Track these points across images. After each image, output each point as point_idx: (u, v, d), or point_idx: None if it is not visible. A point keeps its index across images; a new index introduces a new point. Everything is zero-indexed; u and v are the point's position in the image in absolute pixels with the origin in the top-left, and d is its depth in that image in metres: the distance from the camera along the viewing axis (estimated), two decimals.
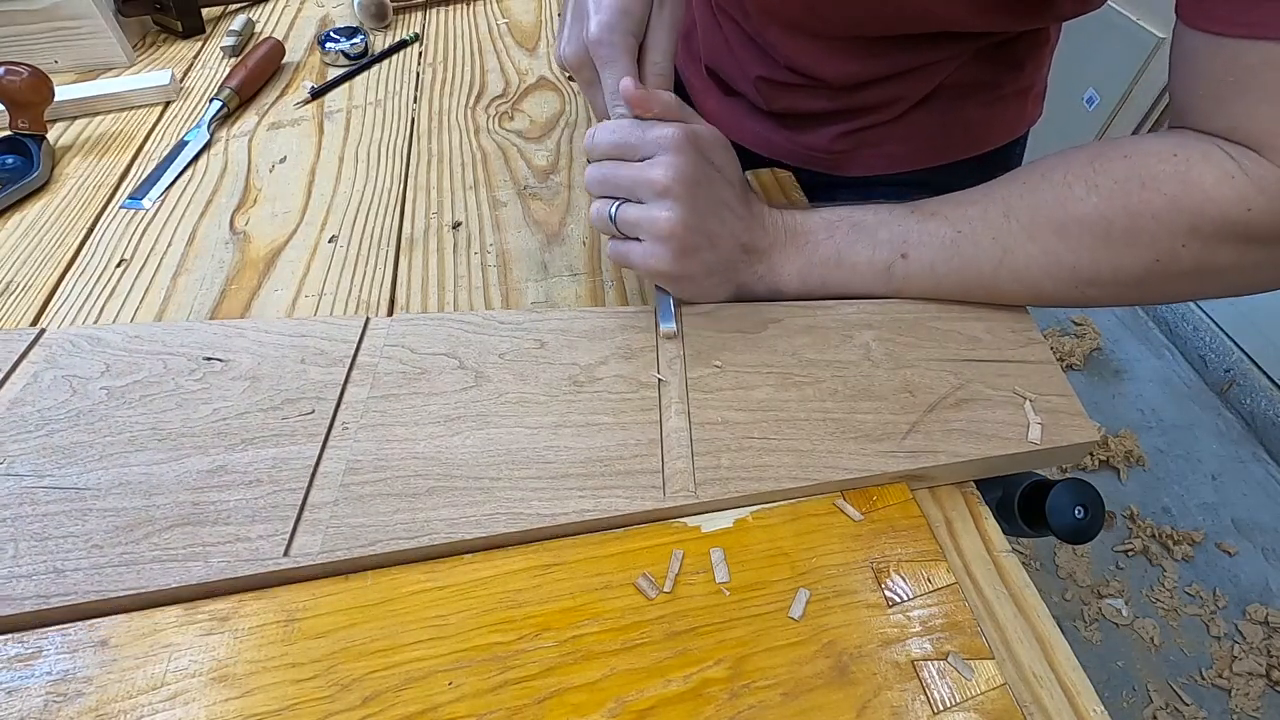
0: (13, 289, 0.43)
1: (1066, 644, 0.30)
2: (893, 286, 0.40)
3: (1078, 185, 0.35)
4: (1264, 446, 1.48)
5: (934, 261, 0.38)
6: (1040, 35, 0.52)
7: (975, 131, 0.56)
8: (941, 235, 0.38)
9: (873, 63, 0.49)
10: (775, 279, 0.40)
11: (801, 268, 0.40)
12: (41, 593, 0.27)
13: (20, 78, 0.51)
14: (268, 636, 0.27)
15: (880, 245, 0.39)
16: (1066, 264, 0.35)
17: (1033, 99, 0.57)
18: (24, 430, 0.33)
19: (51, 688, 0.26)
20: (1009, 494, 0.38)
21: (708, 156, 0.36)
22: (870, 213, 0.40)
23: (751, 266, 0.40)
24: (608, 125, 0.36)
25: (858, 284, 0.40)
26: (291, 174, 0.53)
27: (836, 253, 0.40)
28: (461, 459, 0.32)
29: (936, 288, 0.40)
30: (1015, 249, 0.36)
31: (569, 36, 0.37)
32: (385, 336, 0.38)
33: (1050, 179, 0.36)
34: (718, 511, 0.32)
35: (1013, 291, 0.38)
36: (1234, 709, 1.11)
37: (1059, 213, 0.35)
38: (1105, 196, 0.34)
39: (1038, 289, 0.37)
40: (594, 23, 0.34)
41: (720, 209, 0.37)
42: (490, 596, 0.29)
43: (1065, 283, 0.36)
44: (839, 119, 0.55)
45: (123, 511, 0.30)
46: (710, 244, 0.37)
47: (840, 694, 0.27)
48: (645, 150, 0.35)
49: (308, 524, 0.30)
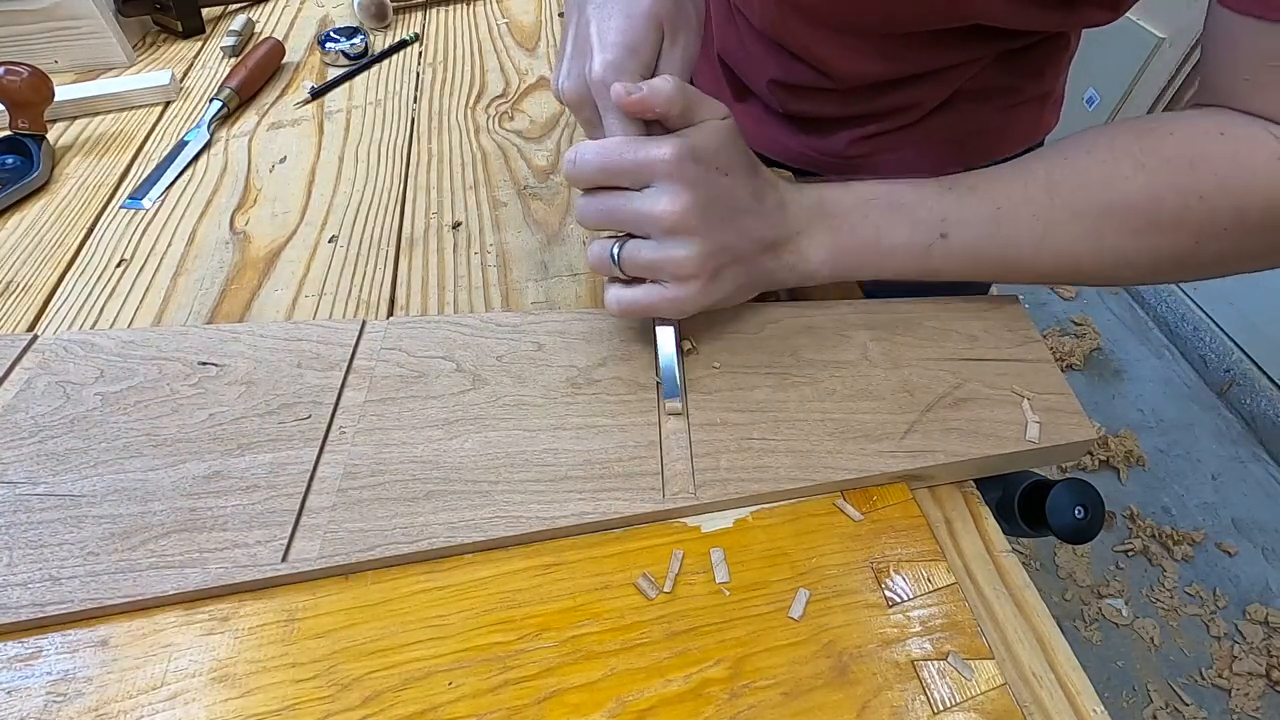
0: (13, 289, 0.43)
1: (1066, 644, 0.30)
2: (930, 267, 0.37)
3: (1124, 163, 0.33)
4: (1264, 446, 1.48)
5: (974, 241, 0.36)
6: (1060, 41, 0.52)
7: (992, 138, 0.55)
8: (982, 213, 0.36)
9: (895, 63, 0.48)
10: (805, 266, 0.37)
11: (834, 252, 0.37)
12: (37, 601, 0.27)
13: (20, 78, 0.51)
14: (268, 636, 0.27)
15: (919, 225, 0.37)
16: (1109, 244, 0.34)
17: (1050, 106, 0.56)
18: (17, 437, 0.33)
19: (51, 688, 0.26)
20: (1009, 494, 0.38)
21: (713, 163, 0.33)
22: (907, 189, 0.37)
23: (779, 258, 0.37)
24: (592, 145, 0.32)
25: (893, 267, 0.38)
26: (291, 174, 0.53)
27: (875, 234, 0.37)
28: (460, 462, 0.32)
29: (975, 268, 0.37)
30: (1058, 228, 0.35)
31: (569, 71, 0.34)
32: (382, 339, 0.38)
33: (1095, 155, 0.34)
34: (718, 512, 0.32)
35: (1051, 271, 0.36)
36: (1234, 709, 1.11)
37: (1105, 191, 0.33)
38: (1153, 175, 0.32)
39: (1076, 269, 0.36)
40: (598, 61, 0.31)
41: (737, 219, 0.34)
42: (490, 597, 0.29)
43: (1105, 263, 0.35)
44: (855, 123, 0.54)
45: (119, 518, 0.30)
46: (735, 260, 0.34)
47: (840, 694, 0.27)
48: (641, 177, 0.32)
49: (306, 529, 0.30)
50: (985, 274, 0.38)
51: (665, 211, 0.31)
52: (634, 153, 0.31)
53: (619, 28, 0.31)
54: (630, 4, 0.32)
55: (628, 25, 0.31)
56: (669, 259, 0.32)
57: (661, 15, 0.32)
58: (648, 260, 0.33)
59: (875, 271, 0.38)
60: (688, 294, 0.33)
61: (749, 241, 0.35)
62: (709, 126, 0.33)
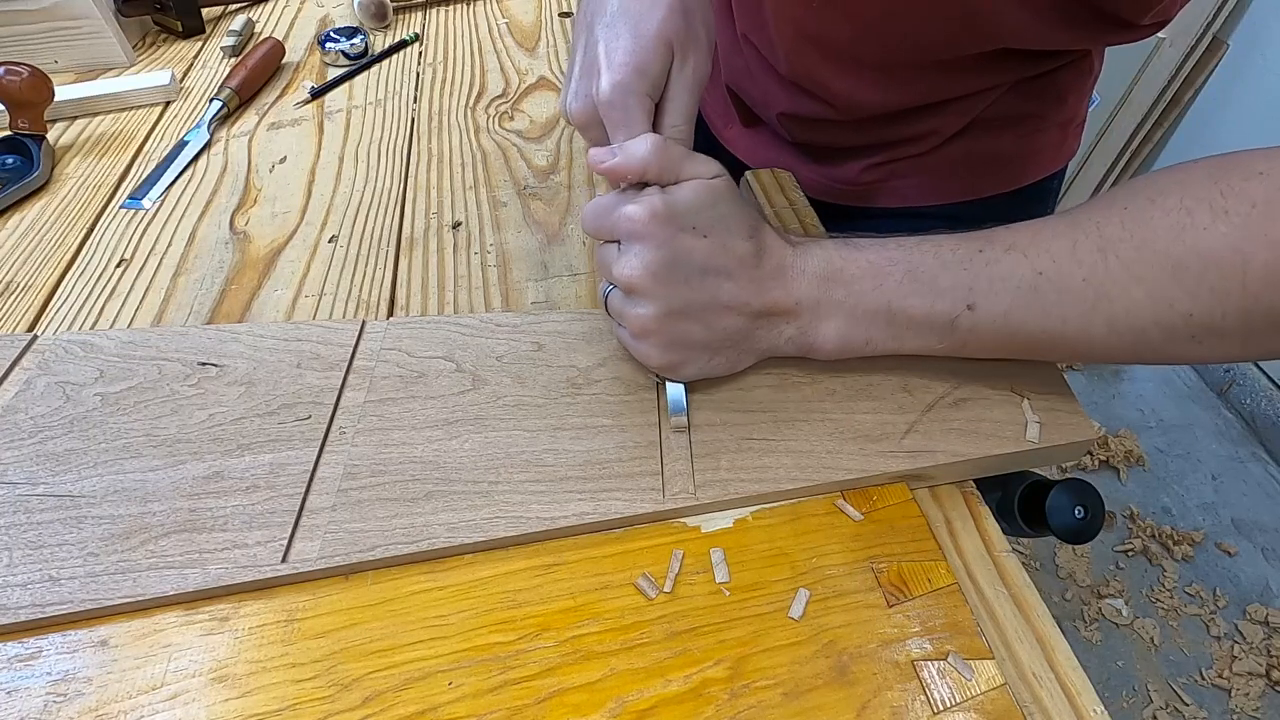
0: (13, 289, 0.43)
1: (1066, 644, 0.30)
2: (955, 342, 0.33)
3: (1200, 211, 0.27)
4: (1264, 446, 1.48)
5: (1009, 312, 0.31)
6: (1084, 65, 0.50)
7: (1013, 166, 0.53)
8: (1018, 277, 0.31)
9: (912, 92, 0.46)
10: (808, 340, 0.35)
11: (842, 326, 0.34)
12: (37, 601, 0.27)
13: (20, 78, 0.51)
14: (268, 636, 0.27)
15: (942, 294, 0.32)
16: (1181, 310, 0.28)
17: (1073, 131, 0.54)
18: (17, 437, 0.33)
19: (51, 688, 0.26)
20: (1009, 494, 0.38)
21: (688, 223, 0.31)
22: (929, 252, 0.33)
23: (774, 330, 0.34)
24: (589, 205, 0.33)
25: (911, 341, 0.34)
26: (291, 174, 0.53)
27: (887, 305, 0.33)
28: (460, 463, 0.32)
29: (1009, 341, 0.32)
30: (1114, 293, 0.29)
31: (576, 91, 0.33)
32: (382, 340, 0.38)
33: (1161, 203, 0.28)
34: (718, 512, 0.32)
35: (1105, 344, 0.31)
36: (1234, 709, 1.11)
37: (1176, 246, 0.28)
38: (1239, 225, 0.26)
39: (1140, 340, 0.30)
40: (605, 81, 0.30)
41: (708, 283, 0.32)
42: (490, 597, 0.29)
43: (1179, 333, 0.29)
44: (869, 152, 0.53)
45: (118, 519, 0.30)
46: (703, 324, 0.33)
47: (840, 694, 0.27)
48: (613, 235, 0.32)
49: (305, 530, 0.30)
50: (1022, 349, 0.33)
51: (620, 273, 0.32)
52: (608, 212, 0.32)
53: (627, 48, 0.30)
54: (639, 24, 0.31)
55: (636, 45, 0.30)
56: (627, 316, 0.33)
57: (671, 35, 0.31)
58: (616, 313, 0.34)
59: (892, 347, 0.34)
60: (647, 350, 0.33)
61: (723, 308, 0.33)
62: (689, 187, 0.31)
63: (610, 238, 0.33)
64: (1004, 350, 0.34)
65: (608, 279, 0.34)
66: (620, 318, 0.34)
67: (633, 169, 0.30)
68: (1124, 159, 1.60)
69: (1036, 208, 0.57)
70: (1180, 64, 1.44)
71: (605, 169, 0.31)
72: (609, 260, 0.33)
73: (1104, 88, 1.58)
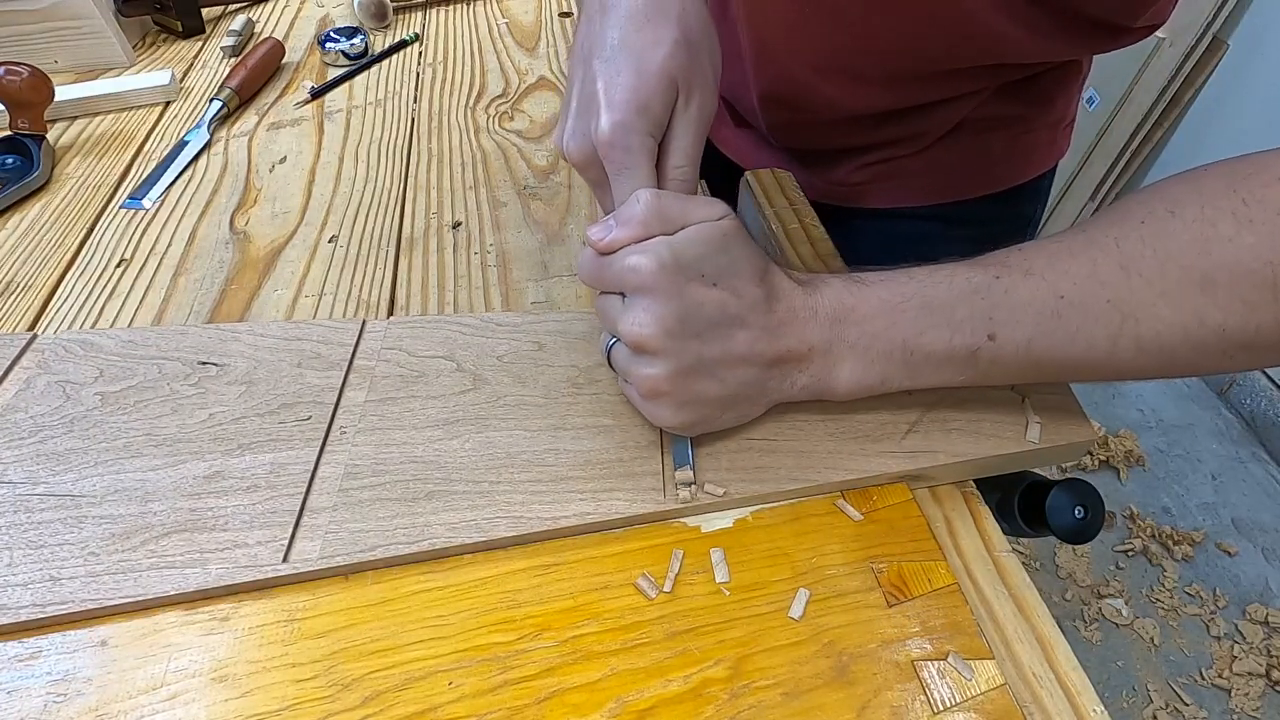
0: (13, 289, 0.43)
1: (1066, 644, 0.30)
2: (976, 374, 0.32)
3: (1223, 222, 0.26)
4: (1264, 446, 1.48)
5: (1031, 338, 0.30)
6: (1072, 68, 0.50)
7: (1002, 166, 0.53)
8: (1039, 303, 0.30)
9: (900, 96, 0.46)
10: (820, 384, 0.33)
11: (856, 368, 0.32)
12: (38, 601, 0.27)
13: (20, 78, 0.51)
14: (268, 636, 0.27)
15: (960, 327, 0.31)
16: (1213, 324, 0.27)
17: (1062, 131, 0.54)
18: (17, 437, 0.33)
19: (51, 688, 0.26)
20: (1009, 494, 0.38)
21: (697, 271, 0.29)
22: (942, 283, 0.31)
23: (787, 378, 0.33)
24: (587, 254, 0.31)
25: (929, 376, 0.32)
26: (291, 174, 0.53)
27: (902, 344, 0.32)
28: (461, 462, 0.32)
29: (1034, 370, 0.31)
30: (1142, 313, 0.28)
31: (573, 130, 0.31)
32: (382, 339, 0.38)
33: (1181, 215, 0.28)
34: (718, 512, 0.32)
35: (1134, 365, 0.30)
36: (1234, 709, 1.11)
37: (1202, 260, 0.27)
38: (1266, 235, 0.26)
39: (1171, 359, 0.29)
40: (605, 120, 0.29)
41: (721, 334, 0.30)
42: (490, 597, 0.29)
43: (1211, 349, 0.28)
44: (857, 154, 0.53)
45: (119, 518, 0.30)
46: (717, 380, 0.31)
47: (840, 694, 0.27)
48: (616, 287, 0.30)
49: (306, 529, 0.30)
50: (1049, 375, 0.32)
51: (629, 330, 0.29)
52: (611, 265, 0.30)
53: (628, 85, 0.29)
54: (641, 59, 0.29)
55: (638, 83, 0.29)
56: (637, 376, 0.31)
57: (675, 72, 0.29)
58: (622, 370, 0.32)
59: (908, 382, 0.33)
60: (659, 412, 0.31)
61: (737, 360, 0.31)
62: (695, 233, 0.30)
63: (613, 290, 0.31)
64: (1028, 378, 0.33)
65: (611, 332, 0.32)
66: (627, 375, 0.32)
67: (634, 236, 0.29)
68: (1124, 159, 1.60)
69: (1027, 207, 0.57)
70: (1180, 64, 1.44)
71: (605, 246, 0.30)
72: (613, 314, 0.31)
73: (1104, 88, 1.58)
